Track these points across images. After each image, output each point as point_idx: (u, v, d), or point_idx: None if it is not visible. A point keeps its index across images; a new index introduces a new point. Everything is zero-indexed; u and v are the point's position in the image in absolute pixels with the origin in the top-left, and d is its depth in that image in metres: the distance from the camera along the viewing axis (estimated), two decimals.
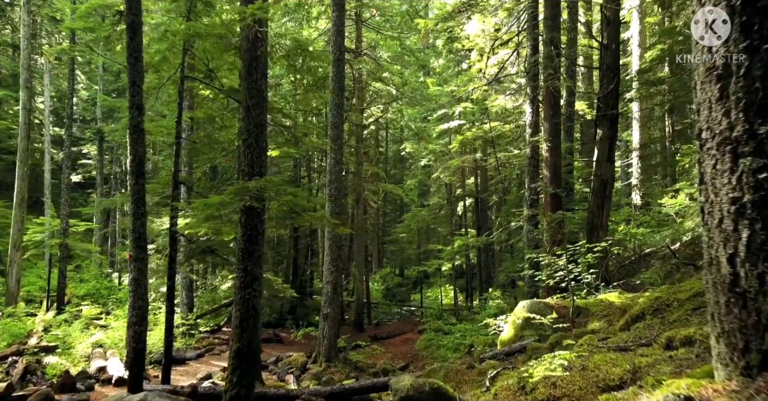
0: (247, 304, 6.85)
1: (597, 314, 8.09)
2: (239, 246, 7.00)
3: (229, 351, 6.93)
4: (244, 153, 7.09)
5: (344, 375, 13.96)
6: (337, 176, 14.69)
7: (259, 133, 7.16)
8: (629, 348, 4.15)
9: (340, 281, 15.38)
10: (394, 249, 33.46)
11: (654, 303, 5.65)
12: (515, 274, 20.29)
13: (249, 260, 6.94)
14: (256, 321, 6.92)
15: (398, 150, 38.47)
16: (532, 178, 13.50)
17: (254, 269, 6.95)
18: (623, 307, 7.86)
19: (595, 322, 7.65)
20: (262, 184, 6.58)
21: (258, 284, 6.99)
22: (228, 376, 6.71)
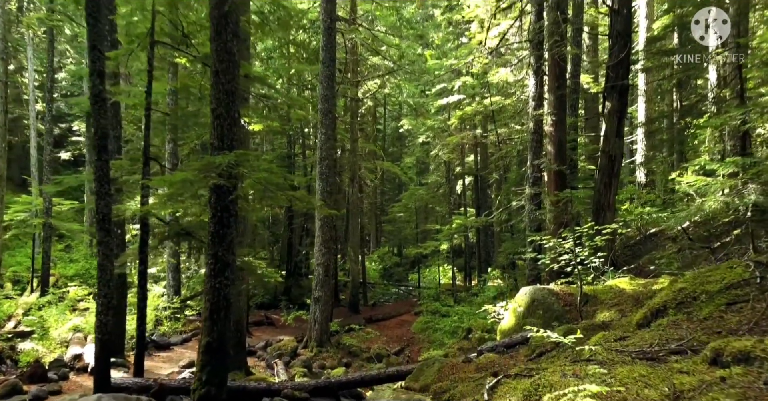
0: (218, 294, 6.13)
1: (606, 302, 7.39)
2: (209, 229, 6.25)
3: (198, 346, 6.24)
4: (212, 125, 6.28)
5: (336, 360, 13.38)
6: (329, 153, 13.88)
7: (229, 102, 6.34)
8: (658, 355, 3.42)
9: (332, 263, 14.70)
10: (391, 229, 32.78)
11: (677, 294, 4.91)
12: (515, 256, 19.61)
13: (220, 245, 6.19)
14: (228, 312, 6.21)
15: (397, 127, 37.45)
16: (534, 154, 12.70)
17: (226, 254, 6.21)
18: (635, 295, 7.15)
19: (604, 311, 6.95)
20: (231, 159, 5.79)
21: (230, 271, 6.26)
22: (197, 374, 6.03)
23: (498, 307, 9.85)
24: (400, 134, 38.28)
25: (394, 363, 13.73)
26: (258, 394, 7.54)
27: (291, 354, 13.15)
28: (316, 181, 14.04)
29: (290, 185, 21.96)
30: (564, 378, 3.32)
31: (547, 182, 12.21)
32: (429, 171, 33.23)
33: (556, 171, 11.91)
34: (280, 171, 6.23)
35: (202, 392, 5.89)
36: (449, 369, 6.70)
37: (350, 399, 7.82)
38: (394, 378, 7.64)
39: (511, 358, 6.63)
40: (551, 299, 7.73)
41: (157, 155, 9.17)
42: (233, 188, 6.02)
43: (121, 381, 7.77)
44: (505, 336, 8.08)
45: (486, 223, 14.97)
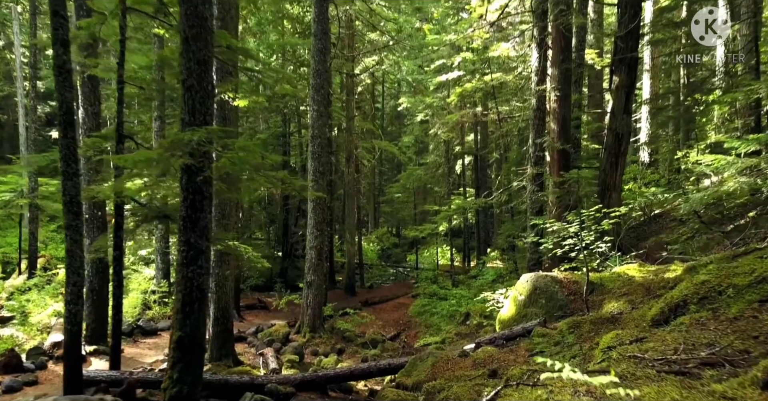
0: (191, 284, 5.58)
1: (614, 291, 6.85)
2: (180, 213, 5.67)
3: (169, 342, 5.72)
4: (183, 98, 5.65)
5: (329, 346, 12.96)
6: (321, 131, 13.23)
7: (201, 72, 5.70)
8: (688, 367, 2.88)
9: (325, 245, 14.18)
10: (389, 210, 32.21)
11: (699, 288, 4.36)
12: (516, 238, 19.09)
13: (192, 231, 5.62)
14: (203, 304, 5.67)
15: (395, 106, 36.61)
16: (537, 132, 12.05)
17: (199, 241, 5.65)
18: (646, 284, 6.61)
19: (612, 302, 6.42)
20: (201, 136, 5.19)
21: (204, 259, 5.70)
22: (168, 371, 5.51)
23: (497, 295, 9.33)
24: (399, 112, 37.47)
25: (389, 348, 13.31)
26: (241, 388, 7.07)
27: (282, 340, 12.72)
28: (308, 160, 13.43)
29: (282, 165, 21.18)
30: (576, 396, 2.78)
31: (550, 162, 11.60)
32: (428, 151, 32.54)
33: (560, 150, 11.29)
34: (257, 149, 5.63)
35: (173, 391, 5.38)
36: (444, 364, 6.20)
37: (339, 393, 7.35)
38: (385, 371, 7.16)
39: (512, 352, 6.12)
40: (554, 288, 7.21)
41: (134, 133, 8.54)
42: (205, 169, 5.43)
43: (95, 374, 7.30)
44: (505, 327, 7.58)
45: (485, 205, 14.40)
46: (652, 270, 7.15)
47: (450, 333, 13.61)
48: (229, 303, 10.40)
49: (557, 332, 5.83)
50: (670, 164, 22.29)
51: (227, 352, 10.31)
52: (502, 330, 7.67)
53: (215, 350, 10.23)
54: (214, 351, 10.23)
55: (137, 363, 10.47)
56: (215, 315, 10.24)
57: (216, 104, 10.11)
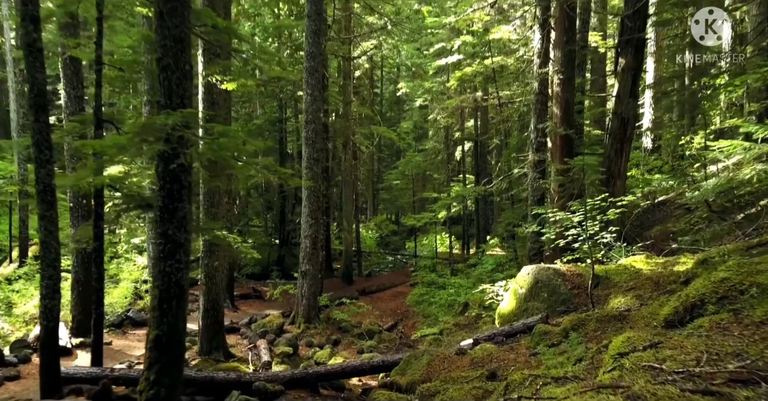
0: (169, 280, 5.20)
1: (621, 285, 6.48)
2: (157, 203, 5.28)
3: (145, 341, 5.36)
4: (158, 78, 5.22)
5: (324, 337, 12.65)
6: (315, 116, 12.78)
7: (178, 50, 5.26)
8: (716, 384, 2.51)
9: (320, 234, 13.81)
10: (387, 197, 31.78)
11: (718, 286, 3.98)
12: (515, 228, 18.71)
13: (170, 222, 5.23)
14: (182, 301, 5.30)
15: (394, 91, 36.02)
16: (539, 117, 11.61)
17: (177, 233, 5.26)
18: (654, 277, 6.24)
19: (619, 297, 6.05)
20: (177, 120, 4.77)
21: (183, 253, 5.32)
22: (144, 372, 5.16)
23: (497, 287, 8.96)
24: (398, 97, 36.86)
25: (386, 339, 13.02)
26: (227, 386, 6.74)
27: (276, 332, 12.40)
28: (303, 146, 13.00)
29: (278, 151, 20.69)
30: None
31: (552, 148, 11.18)
32: (427, 137, 32.05)
33: (563, 136, 10.87)
34: (238, 135, 5.21)
35: (150, 394, 5.03)
36: (440, 362, 5.85)
37: (331, 390, 7.02)
38: (378, 368, 6.82)
39: (512, 351, 5.77)
40: (557, 281, 6.84)
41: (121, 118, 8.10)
42: (180, 155, 5.01)
43: (74, 371, 6.96)
44: (505, 322, 7.23)
45: (485, 192, 14.00)
46: (660, 263, 6.77)
47: (448, 323, 13.31)
48: (220, 294, 10.05)
49: (560, 330, 5.47)
50: (673, 151, 21.85)
51: (218, 345, 9.99)
52: (501, 324, 7.32)
53: (205, 342, 9.91)
54: (204, 343, 9.92)
55: (125, 356, 10.15)
56: (205, 307, 9.90)
57: (203, 87, 9.67)
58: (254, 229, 30.42)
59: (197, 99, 9.91)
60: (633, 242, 9.28)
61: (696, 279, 5.06)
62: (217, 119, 9.72)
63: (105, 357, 10.41)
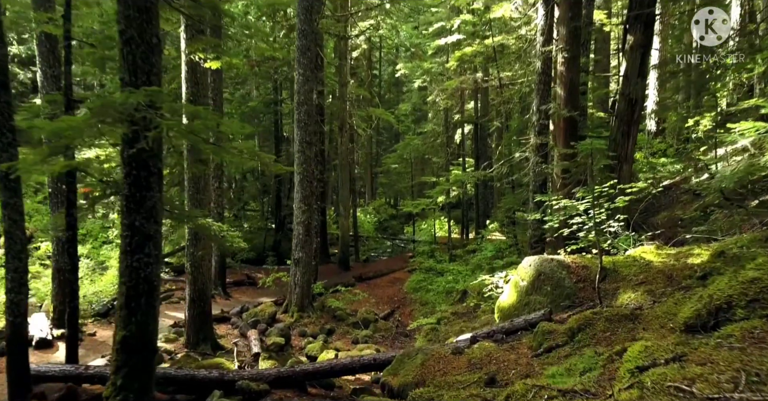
0: (137, 275, 4.74)
1: (630, 278, 6.03)
2: (123, 192, 4.79)
3: (112, 342, 4.93)
4: (121, 53, 4.69)
5: (318, 326, 12.27)
6: (308, 97, 12.22)
7: (143, 21, 4.72)
8: None
9: (314, 220, 13.35)
10: (385, 181, 31.25)
11: (747, 287, 3.52)
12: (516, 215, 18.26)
13: (137, 213, 4.75)
14: (152, 298, 4.84)
15: (393, 72, 35.25)
16: (541, 99, 11.05)
17: (146, 224, 4.78)
18: (667, 270, 5.79)
19: (629, 292, 5.60)
20: (140, 99, 4.25)
21: (153, 246, 4.85)
22: (111, 377, 4.73)
23: (496, 278, 8.51)
24: (397, 79, 36.12)
25: (381, 328, 12.63)
26: (209, 384, 6.34)
27: (268, 321, 12.00)
28: (294, 129, 12.46)
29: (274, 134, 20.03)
30: None
31: (556, 131, 10.66)
32: (426, 119, 31.42)
33: (567, 118, 10.33)
34: (213, 116, 4.70)
35: (117, 400, 4.60)
36: (435, 363, 5.42)
37: (320, 389, 6.61)
38: (369, 367, 6.41)
39: (513, 350, 5.34)
40: (561, 274, 6.39)
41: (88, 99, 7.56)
42: (145, 139, 4.51)
43: (46, 369, 6.54)
44: (505, 316, 6.79)
45: (485, 177, 13.51)
46: (672, 254, 6.31)
47: (446, 312, 12.93)
48: (207, 284, 9.62)
49: (566, 329, 5.03)
50: (678, 133, 21.31)
51: (205, 336, 9.59)
52: (501, 319, 6.90)
53: (192, 334, 9.51)
54: (191, 335, 9.52)
55: (108, 348, 9.73)
56: (191, 297, 9.48)
57: (186, 66, 9.11)
58: (250, 213, 29.96)
59: (180, 79, 9.37)
60: (639, 231, 8.82)
61: (717, 276, 4.61)
62: (201, 99, 9.20)
63: (88, 349, 10.07)
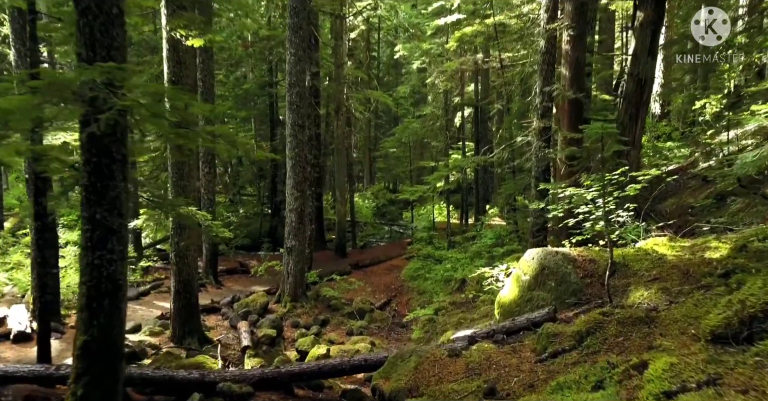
0: (99, 274, 4.28)
1: (641, 274, 5.57)
2: (82, 181, 4.30)
3: (73, 347, 4.48)
4: (77, 25, 4.16)
5: (312, 317, 11.87)
6: (299, 78, 11.65)
7: None
8: None
9: (306, 208, 12.87)
10: (382, 166, 30.68)
11: None
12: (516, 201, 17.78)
13: (98, 204, 4.27)
14: (117, 298, 4.38)
15: (392, 54, 34.42)
16: (545, 80, 10.48)
17: (108, 217, 4.30)
18: (682, 266, 5.33)
19: (641, 289, 5.14)
20: (94, 76, 3.73)
21: (117, 241, 4.37)
22: (70, 385, 4.28)
23: (497, 271, 8.05)
24: (396, 61, 35.32)
25: (377, 319, 12.25)
26: (189, 386, 5.92)
27: (260, 312, 11.59)
28: (286, 112, 11.92)
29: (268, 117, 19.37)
30: None
31: (560, 114, 10.13)
32: (425, 102, 30.74)
33: (572, 100, 9.80)
34: (181, 95, 4.18)
35: None
36: (430, 367, 4.99)
37: (308, 390, 6.19)
38: (359, 368, 5.99)
39: (514, 353, 4.91)
40: (566, 268, 5.93)
41: None
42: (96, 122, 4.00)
43: (15, 370, 6.11)
44: (506, 312, 6.35)
45: (486, 163, 12.98)
46: (686, 247, 5.84)
47: (444, 301, 12.54)
48: (193, 274, 9.19)
49: (573, 332, 4.58)
50: (684, 116, 20.75)
51: (192, 329, 9.18)
52: (502, 315, 6.45)
53: (178, 327, 9.11)
54: (177, 328, 9.11)
55: None
56: (176, 289, 9.05)
57: (168, 44, 8.55)
58: (246, 198, 29.48)
59: (161, 57, 8.82)
60: (648, 220, 8.35)
61: (743, 275, 4.14)
62: (184, 80, 8.65)
63: (69, 343, 9.64)
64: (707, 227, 6.87)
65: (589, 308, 5.44)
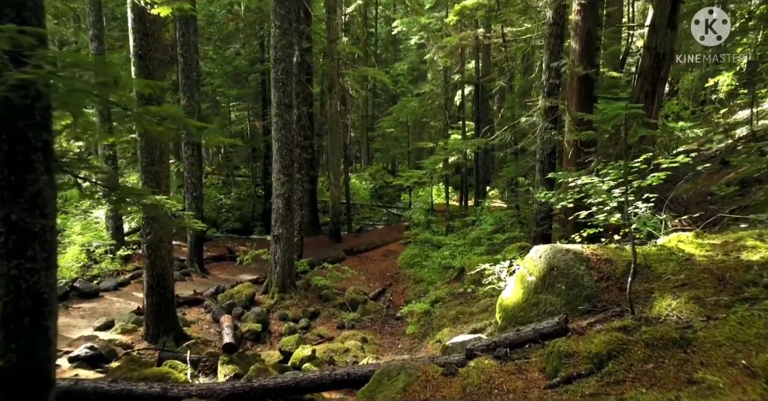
0: (17, 287, 3.52)
1: (666, 278, 4.81)
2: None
3: None
4: None
5: (301, 309, 11.19)
6: (285, 53, 10.75)
7: None
8: None
9: (295, 193, 12.09)
10: (379, 147, 29.77)
11: None
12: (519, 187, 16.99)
13: (14, 203, 3.50)
14: (41, 316, 3.63)
15: (390, 31, 33.24)
16: (552, 54, 9.59)
17: (28, 218, 3.53)
18: (716, 270, 4.57)
19: (667, 298, 4.39)
20: None
21: (41, 247, 3.60)
22: None
23: (498, 268, 7.26)
24: (395, 37, 34.14)
25: (371, 310, 11.59)
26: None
27: (246, 304, 10.91)
28: (271, 90, 11.05)
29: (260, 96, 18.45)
30: None
31: (569, 91, 9.28)
32: (425, 79, 29.69)
33: (582, 76, 8.93)
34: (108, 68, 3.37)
35: None
36: (420, 389, 4.27)
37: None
38: (342, 383, 5.27)
39: (519, 373, 4.18)
40: (579, 269, 5.17)
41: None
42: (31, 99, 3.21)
43: None
44: (509, 317, 5.61)
45: (487, 145, 12.14)
46: (717, 244, 5.07)
47: (441, 291, 11.87)
48: (167, 268, 8.45)
49: (590, 352, 3.85)
50: (695, 94, 19.85)
51: (168, 327, 8.49)
52: (504, 320, 5.72)
53: (152, 325, 8.41)
54: (151, 326, 8.42)
55: (61, 338, 8.66)
56: (149, 284, 8.33)
57: (132, 13, 7.67)
58: (241, 179, 28.65)
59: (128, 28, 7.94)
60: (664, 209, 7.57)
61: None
62: (153, 54, 7.79)
63: None
64: (742, 223, 6.09)
65: (605, 317, 4.70)
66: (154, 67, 7.80)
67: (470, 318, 9.46)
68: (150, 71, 7.75)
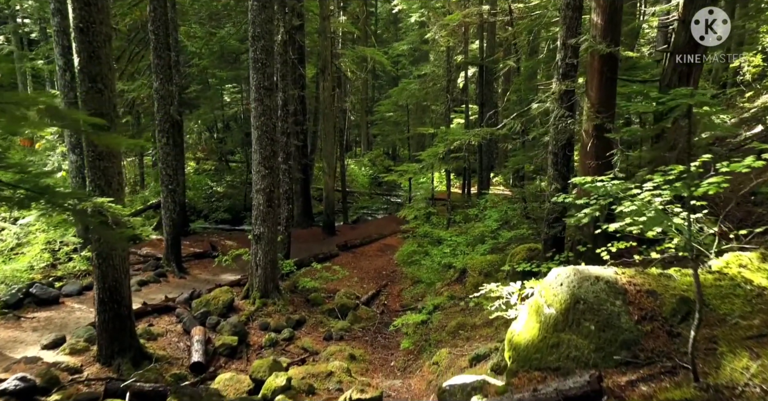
0: None
1: (733, 321, 3.64)
2: None
3: None
4: None
5: (285, 316, 10.08)
6: (265, 29, 9.46)
7: None
8: None
9: (278, 187, 10.89)
10: (377, 132, 28.41)
11: None
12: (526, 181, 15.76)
13: None
14: None
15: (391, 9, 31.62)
16: (569, 29, 8.26)
17: None
18: None
19: (742, 356, 3.23)
20: None
21: None
22: None
23: (506, 291, 6.05)
24: (395, 16, 32.55)
25: (362, 317, 10.51)
26: None
27: (223, 311, 9.80)
28: (250, 72, 9.78)
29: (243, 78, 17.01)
30: None
31: (589, 74, 7.99)
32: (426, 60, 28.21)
33: (604, 55, 7.61)
34: None
35: None
36: None
37: None
38: None
39: None
40: (614, 305, 3.99)
41: None
42: None
43: None
44: (522, 360, 4.46)
45: (492, 135, 10.88)
46: None
47: (441, 294, 10.78)
48: (122, 279, 7.29)
49: None
50: (715, 77, 18.49)
51: (124, 346, 7.37)
52: (515, 362, 4.56)
53: (105, 344, 7.30)
54: (104, 346, 7.31)
55: (3, 358, 7.56)
56: (100, 298, 7.21)
57: None
58: (235, 165, 27.46)
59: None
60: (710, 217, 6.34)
61: None
62: (95, 27, 6.55)
63: None
64: None
65: (652, 373, 3.55)
66: (99, 44, 6.56)
67: (472, 332, 8.35)
68: (94, 48, 6.52)
